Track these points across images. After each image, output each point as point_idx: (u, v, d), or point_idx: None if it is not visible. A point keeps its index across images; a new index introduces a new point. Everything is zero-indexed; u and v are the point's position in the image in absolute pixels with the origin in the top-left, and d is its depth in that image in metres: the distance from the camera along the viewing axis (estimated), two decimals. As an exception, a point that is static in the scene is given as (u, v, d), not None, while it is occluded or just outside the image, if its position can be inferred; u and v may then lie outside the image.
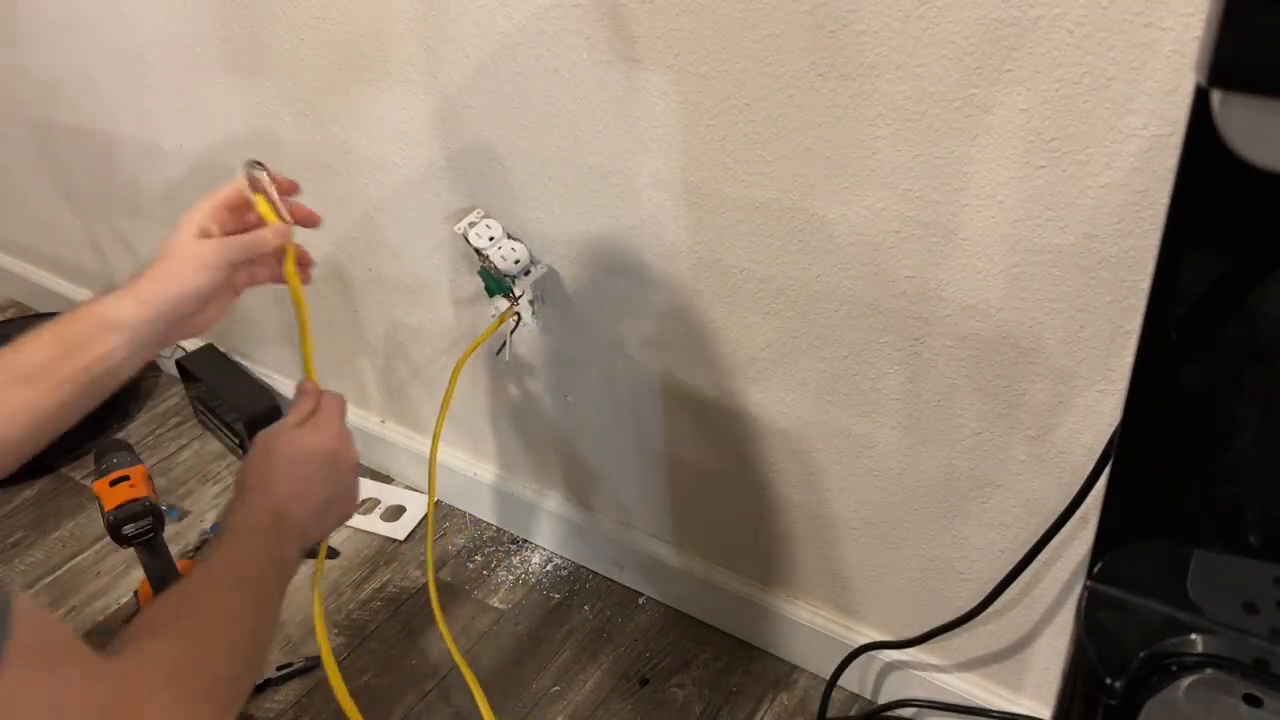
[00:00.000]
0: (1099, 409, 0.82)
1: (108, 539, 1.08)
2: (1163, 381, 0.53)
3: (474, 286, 1.17)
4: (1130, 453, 0.57)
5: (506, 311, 1.11)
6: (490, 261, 1.06)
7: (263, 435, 0.79)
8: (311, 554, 0.93)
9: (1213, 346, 0.51)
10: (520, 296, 1.09)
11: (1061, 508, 0.85)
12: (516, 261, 1.05)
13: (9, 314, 2.04)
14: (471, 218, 1.07)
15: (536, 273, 1.07)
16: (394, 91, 1.08)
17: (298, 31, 1.12)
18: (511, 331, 1.14)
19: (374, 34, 1.04)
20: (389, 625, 1.32)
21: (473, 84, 1.00)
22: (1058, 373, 0.82)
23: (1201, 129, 0.42)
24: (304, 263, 0.87)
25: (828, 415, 0.99)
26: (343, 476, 0.80)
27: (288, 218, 0.85)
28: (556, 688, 1.22)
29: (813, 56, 0.78)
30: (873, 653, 1.12)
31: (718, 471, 1.14)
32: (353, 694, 0.95)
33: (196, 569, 0.69)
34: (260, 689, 1.24)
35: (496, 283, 1.08)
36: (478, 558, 1.41)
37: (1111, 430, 0.79)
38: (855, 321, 0.91)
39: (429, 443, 1.17)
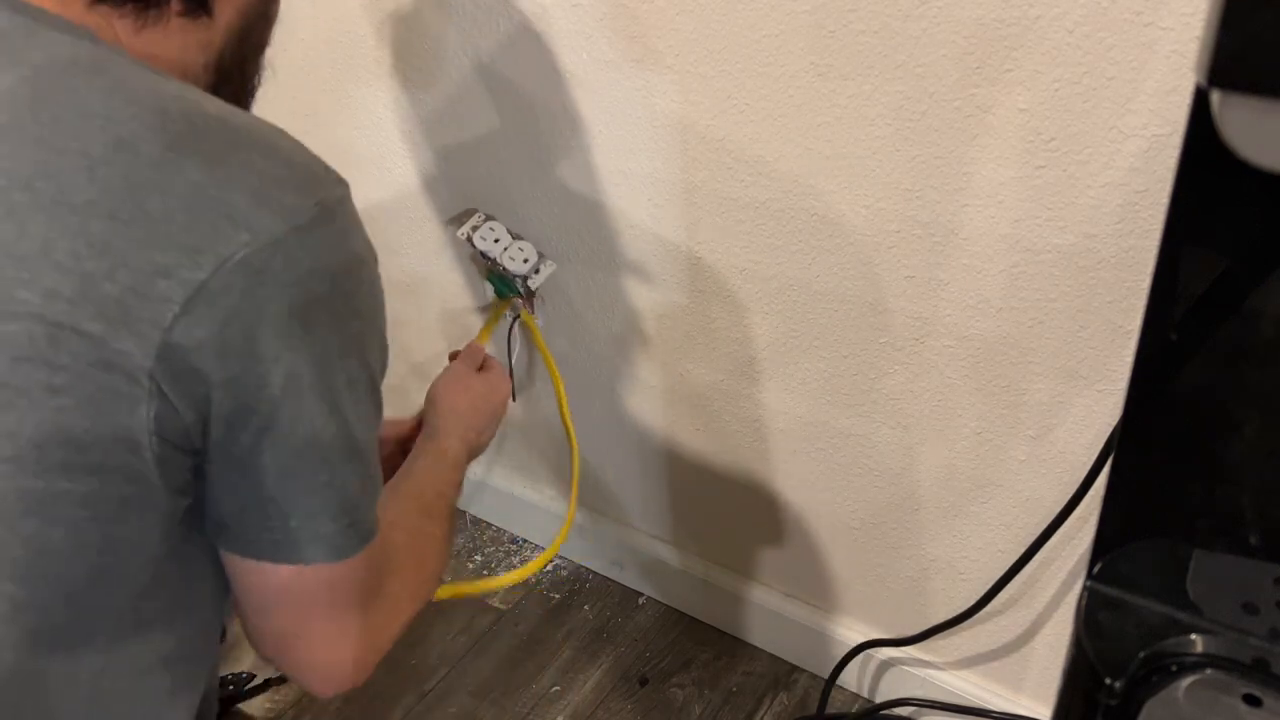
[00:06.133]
0: (1099, 409, 0.82)
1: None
2: (1163, 381, 0.53)
3: (474, 284, 1.17)
4: (1130, 452, 0.57)
5: (501, 308, 1.08)
6: (500, 265, 1.03)
7: (452, 372, 0.91)
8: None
9: (1213, 346, 0.51)
10: (534, 295, 1.07)
11: (1060, 507, 0.85)
12: (526, 261, 1.03)
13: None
14: (473, 221, 1.05)
15: (546, 270, 1.04)
16: (394, 91, 1.07)
17: (296, 31, 1.11)
18: (511, 327, 1.11)
19: (373, 33, 1.04)
20: (389, 625, 1.32)
21: (473, 84, 1.00)
22: (1058, 373, 0.82)
23: (1201, 129, 0.42)
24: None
25: (828, 415, 0.99)
26: (496, 410, 0.92)
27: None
28: (556, 688, 1.22)
29: (813, 56, 0.78)
30: (872, 651, 1.12)
31: (718, 471, 1.14)
32: (352, 694, 0.95)
33: (414, 483, 0.77)
34: (260, 688, 1.24)
35: (508, 285, 1.05)
36: (478, 558, 1.41)
37: (1111, 430, 0.79)
38: (855, 321, 0.91)
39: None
